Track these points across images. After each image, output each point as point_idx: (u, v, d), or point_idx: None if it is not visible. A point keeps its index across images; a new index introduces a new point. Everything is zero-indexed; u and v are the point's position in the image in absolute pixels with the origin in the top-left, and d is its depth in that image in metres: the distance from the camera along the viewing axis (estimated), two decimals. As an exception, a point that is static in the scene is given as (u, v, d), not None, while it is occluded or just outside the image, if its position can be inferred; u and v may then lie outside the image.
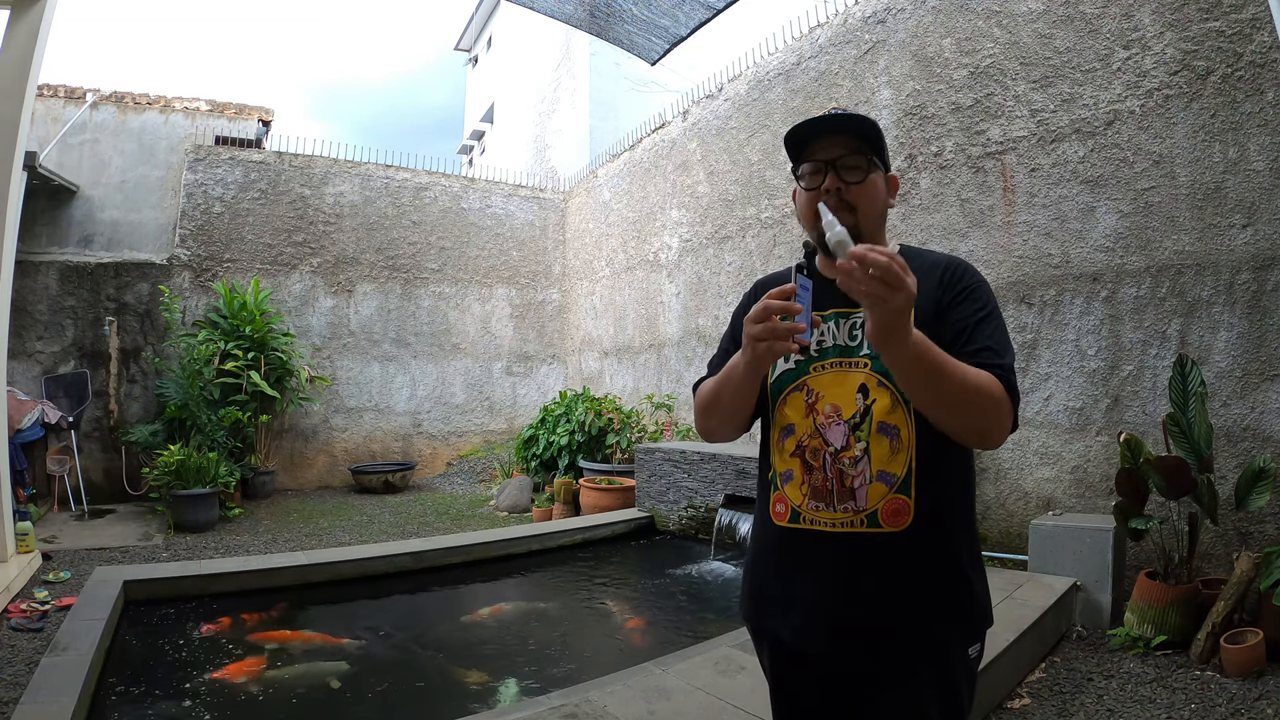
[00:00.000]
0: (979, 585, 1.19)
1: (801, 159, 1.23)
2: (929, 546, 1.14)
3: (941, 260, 1.23)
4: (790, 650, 1.22)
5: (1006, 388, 1.06)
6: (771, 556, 1.25)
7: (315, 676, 3.00)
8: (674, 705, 2.30)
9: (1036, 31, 4.26)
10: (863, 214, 1.19)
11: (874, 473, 1.13)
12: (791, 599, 1.20)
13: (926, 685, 1.13)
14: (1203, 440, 3.07)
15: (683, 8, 3.82)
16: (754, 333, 1.02)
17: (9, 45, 3.96)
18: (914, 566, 1.13)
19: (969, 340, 1.12)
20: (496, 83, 17.99)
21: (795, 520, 1.19)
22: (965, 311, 1.15)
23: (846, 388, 1.17)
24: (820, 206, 1.02)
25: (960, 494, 1.21)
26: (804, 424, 1.20)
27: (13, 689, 2.68)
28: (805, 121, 1.20)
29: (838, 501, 1.15)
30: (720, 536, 4.70)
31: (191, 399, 6.82)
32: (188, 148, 8.13)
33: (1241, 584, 2.85)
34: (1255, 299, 3.35)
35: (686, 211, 7.65)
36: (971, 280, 1.20)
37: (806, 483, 1.18)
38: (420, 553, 4.52)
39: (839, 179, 1.18)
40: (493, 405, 9.70)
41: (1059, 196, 4.16)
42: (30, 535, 4.52)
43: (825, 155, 1.19)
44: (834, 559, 1.15)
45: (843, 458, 1.15)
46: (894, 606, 1.13)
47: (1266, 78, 3.31)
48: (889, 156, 1.27)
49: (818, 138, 1.20)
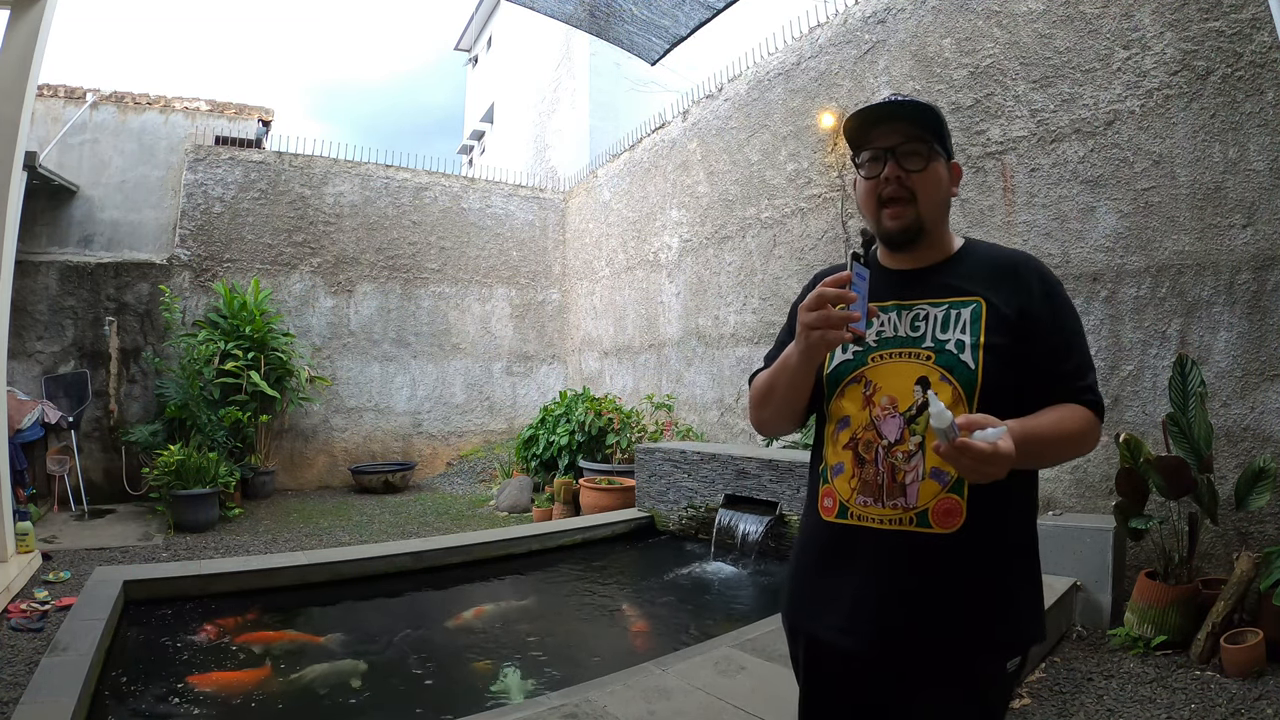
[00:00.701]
0: (1030, 598, 1.15)
1: (861, 146, 1.19)
2: (980, 552, 1.09)
3: (1012, 256, 1.20)
4: (828, 649, 1.17)
5: (1096, 411, 1.09)
6: (816, 552, 1.22)
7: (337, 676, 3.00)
8: (674, 705, 2.30)
9: (1036, 31, 4.26)
10: (923, 202, 1.16)
11: (927, 469, 1.09)
12: (834, 597, 1.16)
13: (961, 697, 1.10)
14: (1203, 440, 3.07)
15: (683, 8, 3.82)
16: (807, 321, 1.00)
17: (9, 45, 3.96)
18: (962, 572, 1.09)
19: (1061, 360, 1.12)
20: (496, 83, 17.99)
21: (843, 515, 1.15)
22: (1055, 324, 1.13)
23: (905, 379, 1.13)
24: (930, 395, 0.97)
25: (1019, 500, 1.15)
26: (860, 416, 1.15)
27: (13, 689, 2.68)
28: (866, 108, 1.16)
29: (887, 497, 1.11)
30: (720, 537, 4.70)
31: (191, 399, 6.81)
32: (188, 148, 8.13)
33: (1241, 584, 2.85)
34: (1255, 299, 3.35)
35: (686, 211, 7.65)
36: (1054, 284, 1.17)
37: (857, 476, 1.14)
38: (420, 553, 4.52)
39: (899, 167, 1.15)
40: (493, 405, 9.70)
41: (1059, 196, 4.16)
42: (30, 535, 4.52)
43: (885, 142, 1.16)
44: (879, 557, 1.12)
45: (896, 452, 1.11)
46: (937, 612, 1.08)
47: (1266, 78, 3.31)
48: (952, 144, 1.23)
49: (878, 124, 1.17)
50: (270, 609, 3.82)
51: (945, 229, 1.22)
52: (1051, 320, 1.12)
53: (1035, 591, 1.17)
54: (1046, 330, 1.12)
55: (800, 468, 4.44)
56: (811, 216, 6.04)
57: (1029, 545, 1.18)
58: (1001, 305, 1.12)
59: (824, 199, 5.92)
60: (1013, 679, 1.15)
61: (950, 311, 1.14)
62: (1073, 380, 1.10)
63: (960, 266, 1.19)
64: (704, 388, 7.28)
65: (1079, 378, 1.11)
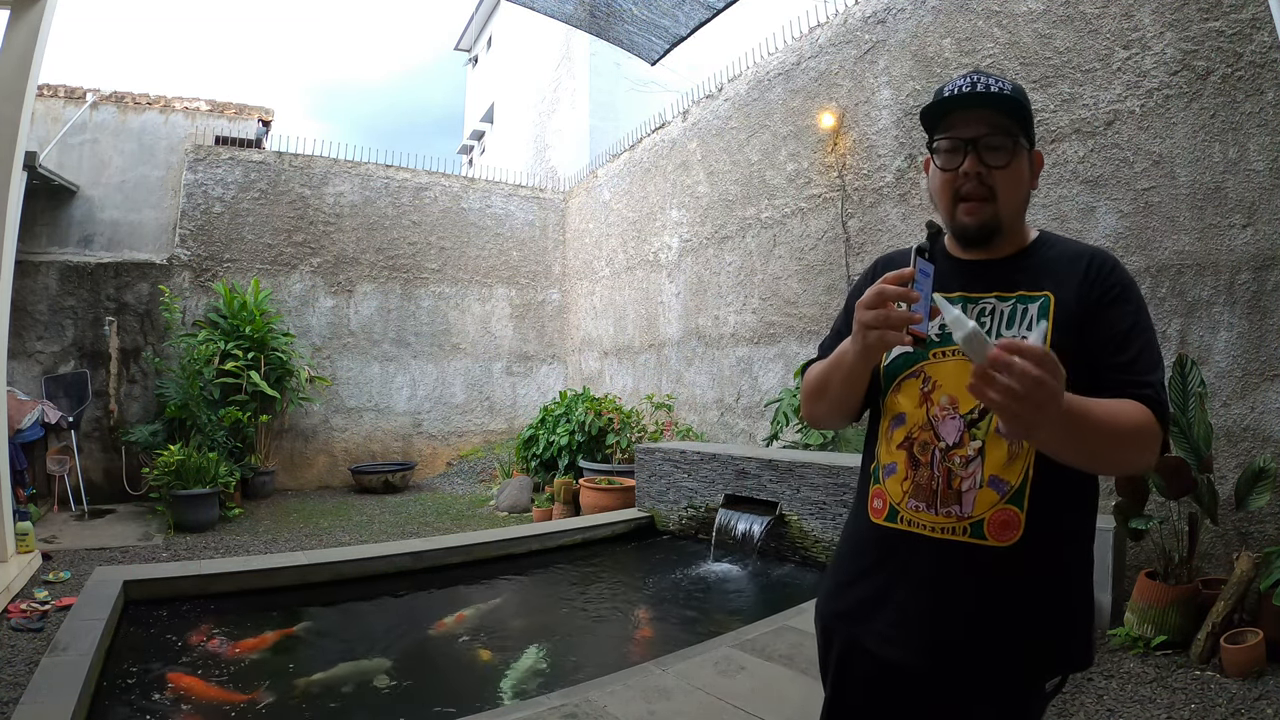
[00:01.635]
0: (1083, 620, 1.08)
1: (938, 130, 1.10)
2: (1036, 569, 1.02)
3: (1085, 251, 1.12)
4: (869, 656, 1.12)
5: (1157, 411, 0.96)
6: (862, 555, 1.16)
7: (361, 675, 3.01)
8: (674, 705, 2.30)
9: (1036, 31, 4.26)
10: (1004, 201, 1.08)
11: (985, 477, 1.02)
12: (880, 603, 1.10)
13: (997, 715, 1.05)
14: (1203, 440, 3.07)
15: (683, 8, 3.82)
16: (866, 320, 0.93)
17: (9, 45, 3.96)
18: (1016, 589, 1.02)
19: (1120, 349, 1.02)
20: (496, 83, 17.99)
21: (892, 519, 1.09)
22: (1114, 315, 1.04)
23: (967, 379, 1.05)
24: (938, 299, 0.87)
25: (1080, 515, 1.08)
26: (916, 414, 1.09)
27: (13, 689, 2.68)
28: (949, 95, 1.08)
29: (941, 504, 1.04)
30: (720, 537, 4.70)
31: (191, 399, 6.81)
32: (188, 148, 8.13)
33: (1241, 584, 2.85)
34: (1255, 299, 3.35)
35: (686, 211, 7.65)
36: (1122, 278, 1.08)
37: (910, 479, 1.08)
38: (420, 553, 4.52)
39: (980, 161, 1.06)
40: (493, 405, 9.70)
41: (1059, 196, 4.16)
42: (30, 535, 4.52)
43: (967, 132, 1.06)
44: (929, 567, 1.05)
45: (953, 455, 1.04)
46: (987, 628, 1.02)
47: (1266, 78, 3.31)
48: (1034, 130, 1.13)
49: (960, 109, 1.08)
50: (269, 609, 3.82)
51: (1022, 225, 1.16)
52: (1111, 313, 1.04)
53: (1088, 613, 1.10)
54: (1106, 323, 1.04)
55: (800, 468, 4.44)
56: (812, 216, 6.04)
57: (1085, 564, 1.11)
58: (1069, 300, 1.05)
59: (824, 199, 5.91)
60: (1050, 698, 1.10)
61: (1018, 306, 1.08)
62: (1129, 373, 0.99)
63: (1032, 259, 1.12)
64: (704, 388, 7.28)
65: (1138, 372, 1.00)
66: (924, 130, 1.14)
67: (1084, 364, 1.01)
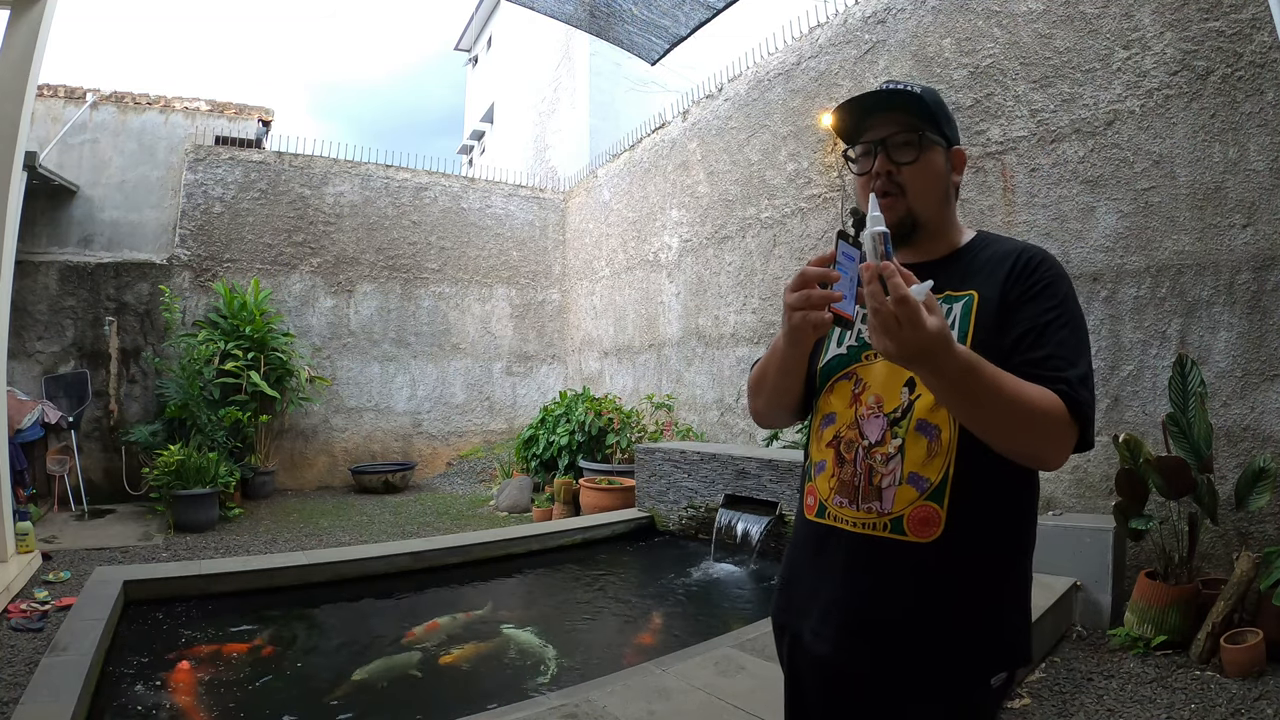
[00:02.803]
0: (1013, 617, 1.07)
1: (853, 140, 1.15)
2: (958, 565, 1.02)
3: (1016, 247, 1.12)
4: (805, 650, 1.15)
5: (1070, 405, 0.95)
6: (799, 550, 1.19)
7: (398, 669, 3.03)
8: (674, 705, 2.30)
9: (1036, 31, 4.26)
10: (914, 195, 1.11)
11: (905, 474, 1.04)
12: (813, 596, 1.13)
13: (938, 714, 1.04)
14: (1203, 440, 3.07)
15: (683, 8, 3.82)
16: (790, 301, 0.95)
17: (9, 45, 3.96)
18: (937, 585, 1.03)
19: (1035, 345, 1.01)
20: (496, 83, 17.99)
21: (821, 515, 1.12)
22: (1034, 310, 1.03)
23: (896, 380, 1.07)
24: (871, 197, 0.93)
25: (1009, 515, 1.07)
26: (845, 414, 1.12)
27: (13, 689, 2.68)
28: (850, 100, 1.12)
29: (861, 500, 1.07)
30: (720, 537, 4.70)
31: (191, 399, 6.81)
32: (188, 148, 8.13)
33: (1241, 584, 2.85)
34: (1255, 299, 3.35)
35: (686, 211, 7.65)
36: (1045, 274, 1.07)
37: (836, 475, 1.11)
38: (420, 553, 4.52)
39: (889, 160, 1.10)
40: (493, 405, 9.70)
41: (1059, 196, 4.16)
42: (30, 535, 4.52)
43: (875, 135, 1.12)
44: (852, 561, 1.07)
45: (875, 453, 1.07)
46: (907, 625, 1.03)
47: (1266, 78, 3.31)
48: (954, 128, 1.17)
49: (869, 116, 1.13)
50: (269, 609, 3.82)
51: (947, 221, 1.17)
52: (1031, 308, 1.03)
53: (1021, 611, 1.09)
54: (1026, 317, 1.03)
55: (800, 468, 4.43)
56: (811, 216, 6.04)
57: (1017, 563, 1.09)
58: (993, 297, 1.06)
59: (824, 199, 5.92)
60: (999, 695, 1.09)
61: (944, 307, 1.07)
62: (1042, 367, 0.98)
63: (963, 260, 1.14)
64: (704, 388, 7.28)
65: (1052, 367, 0.98)
66: (841, 141, 1.20)
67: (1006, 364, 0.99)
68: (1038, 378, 0.97)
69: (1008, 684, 1.10)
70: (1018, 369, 0.98)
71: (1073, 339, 1.02)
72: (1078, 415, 0.96)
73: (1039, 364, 0.99)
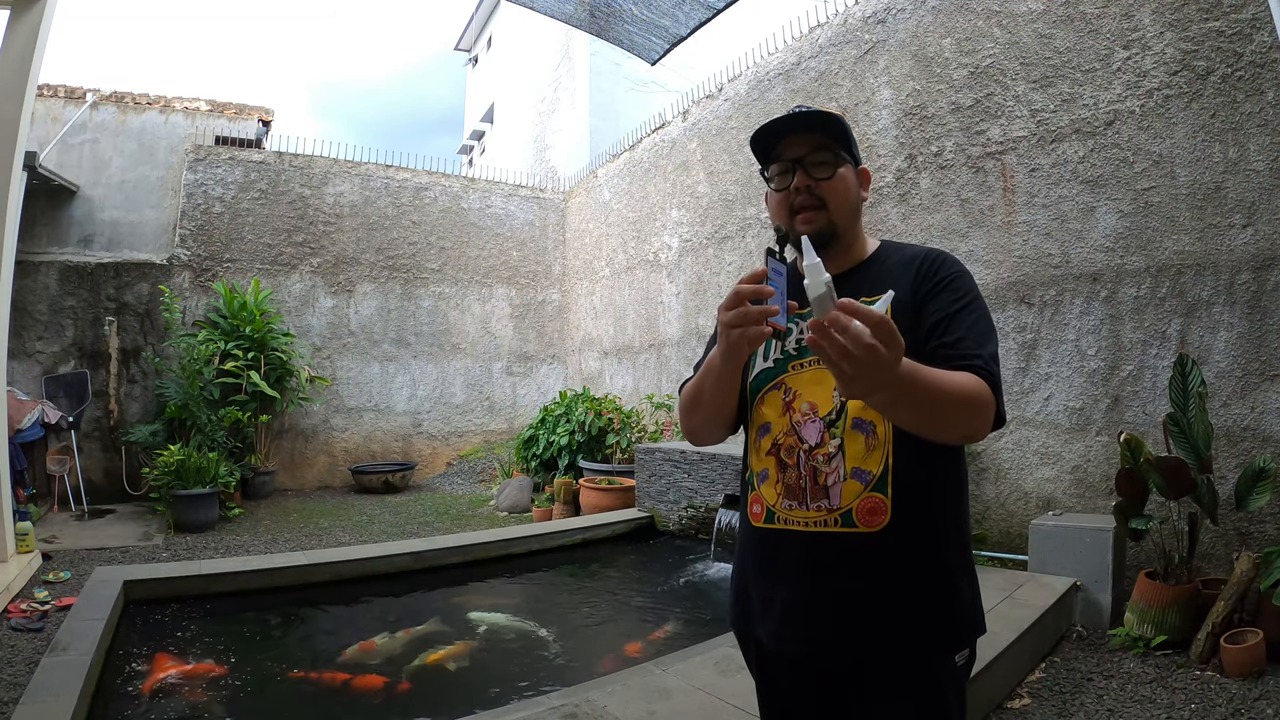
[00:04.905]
0: (967, 591, 1.15)
1: (770, 160, 1.22)
2: (909, 548, 1.09)
3: (920, 252, 1.20)
4: (771, 654, 1.19)
5: (988, 383, 1.03)
6: (750, 558, 1.23)
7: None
8: (674, 705, 2.30)
9: (1036, 31, 4.26)
10: (834, 209, 1.18)
11: (848, 470, 1.10)
12: (770, 601, 1.17)
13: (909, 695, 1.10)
14: (1203, 440, 3.07)
15: (683, 8, 3.82)
16: (726, 320, 0.97)
17: (9, 45, 3.95)
18: (892, 569, 1.09)
19: (946, 331, 1.09)
20: (496, 83, 17.99)
21: (770, 520, 1.17)
22: (943, 302, 1.12)
23: (826, 385, 1.13)
24: (805, 242, 0.93)
25: (947, 492, 1.16)
26: (780, 422, 1.17)
27: (13, 689, 2.68)
28: (769, 122, 1.19)
29: (811, 500, 1.12)
30: (720, 536, 4.70)
31: (191, 399, 6.81)
32: (188, 148, 8.13)
33: (1241, 584, 2.85)
34: (1255, 299, 3.35)
35: (686, 211, 7.65)
36: (949, 270, 1.16)
37: (780, 481, 1.16)
38: (420, 553, 4.52)
39: (808, 176, 1.17)
40: (493, 405, 9.70)
41: (1059, 196, 4.16)
42: (30, 535, 4.52)
43: (792, 154, 1.19)
44: (808, 560, 1.12)
45: (817, 454, 1.12)
46: (871, 611, 1.09)
47: (1266, 78, 3.31)
48: (858, 149, 1.26)
49: (783, 137, 1.20)
50: (269, 609, 3.82)
51: (857, 233, 1.25)
52: (939, 299, 1.12)
53: (970, 581, 1.16)
54: (935, 308, 1.12)
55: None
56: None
57: (960, 535, 1.17)
58: (905, 297, 1.13)
59: (824, 199, 5.91)
60: (963, 673, 1.15)
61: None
62: (957, 348, 1.06)
63: (873, 268, 1.22)
64: (704, 388, 7.28)
65: (966, 348, 1.06)
66: (758, 161, 1.25)
67: (921, 355, 1.05)
68: (951, 358, 1.05)
69: (971, 661, 1.17)
70: (934, 352, 1.07)
71: (981, 324, 1.11)
72: (995, 390, 1.04)
73: (952, 346, 1.07)
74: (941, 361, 1.03)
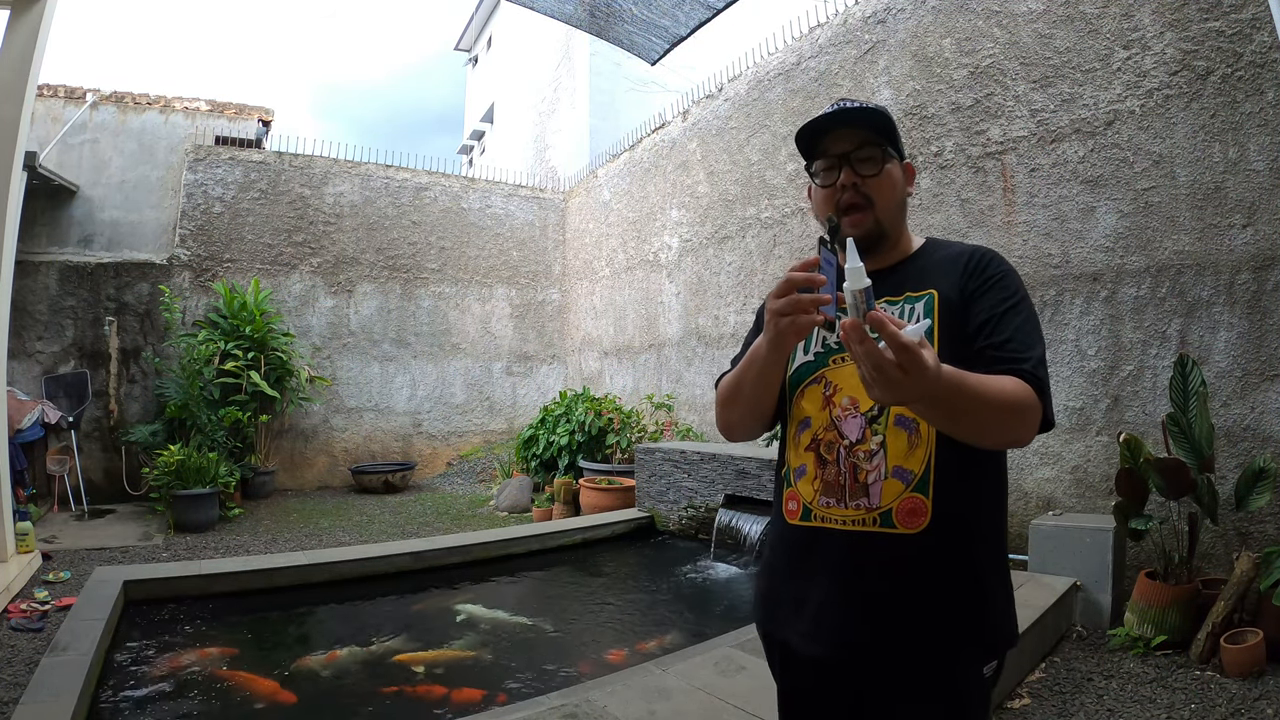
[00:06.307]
0: (1000, 601, 1.11)
1: (814, 155, 1.19)
2: (947, 552, 1.06)
3: (967, 250, 1.18)
4: (799, 656, 1.15)
5: (1034, 387, 0.99)
6: (783, 557, 1.20)
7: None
8: (674, 705, 2.30)
9: (1036, 31, 4.26)
10: (881, 207, 1.16)
11: (889, 468, 1.07)
12: (801, 602, 1.14)
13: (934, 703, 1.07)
14: (1203, 440, 3.07)
15: (683, 8, 3.82)
16: (775, 308, 0.96)
17: (9, 45, 3.96)
18: (929, 573, 1.06)
19: (994, 332, 1.06)
20: (496, 83, 17.99)
21: (806, 518, 1.14)
22: (990, 301, 1.09)
23: None
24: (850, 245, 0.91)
25: (988, 497, 1.13)
26: (820, 417, 1.14)
27: (13, 689, 2.68)
28: (815, 118, 1.16)
29: (850, 498, 1.09)
30: (720, 537, 4.70)
31: (191, 399, 6.81)
32: (188, 148, 8.13)
33: (1241, 584, 2.85)
34: (1255, 299, 3.35)
35: (686, 211, 7.65)
36: (997, 269, 1.13)
37: (819, 478, 1.13)
38: (420, 553, 4.53)
39: (854, 173, 1.14)
40: (493, 405, 9.70)
41: (1059, 196, 4.16)
42: (30, 535, 4.52)
43: (838, 149, 1.15)
44: (844, 560, 1.09)
45: (857, 451, 1.09)
46: (904, 616, 1.06)
47: (1266, 78, 3.31)
48: (903, 144, 1.22)
49: (829, 132, 1.16)
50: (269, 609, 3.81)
51: (904, 230, 1.23)
52: (987, 298, 1.10)
53: (1007, 592, 1.13)
54: (983, 307, 1.09)
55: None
56: (812, 217, 6.03)
57: (998, 544, 1.15)
58: (952, 295, 1.11)
59: (824, 199, 5.91)
60: (990, 684, 1.12)
61: (905, 306, 1.14)
62: (1004, 350, 1.04)
63: (917, 264, 1.20)
64: (704, 388, 7.28)
65: (1013, 350, 1.04)
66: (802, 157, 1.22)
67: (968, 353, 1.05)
68: (997, 360, 1.03)
69: (998, 672, 1.13)
70: (981, 352, 1.05)
71: (1028, 325, 1.08)
72: (1041, 394, 1.01)
73: (1000, 347, 1.05)
74: (987, 363, 1.02)
